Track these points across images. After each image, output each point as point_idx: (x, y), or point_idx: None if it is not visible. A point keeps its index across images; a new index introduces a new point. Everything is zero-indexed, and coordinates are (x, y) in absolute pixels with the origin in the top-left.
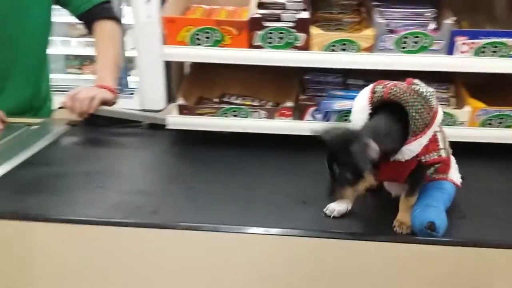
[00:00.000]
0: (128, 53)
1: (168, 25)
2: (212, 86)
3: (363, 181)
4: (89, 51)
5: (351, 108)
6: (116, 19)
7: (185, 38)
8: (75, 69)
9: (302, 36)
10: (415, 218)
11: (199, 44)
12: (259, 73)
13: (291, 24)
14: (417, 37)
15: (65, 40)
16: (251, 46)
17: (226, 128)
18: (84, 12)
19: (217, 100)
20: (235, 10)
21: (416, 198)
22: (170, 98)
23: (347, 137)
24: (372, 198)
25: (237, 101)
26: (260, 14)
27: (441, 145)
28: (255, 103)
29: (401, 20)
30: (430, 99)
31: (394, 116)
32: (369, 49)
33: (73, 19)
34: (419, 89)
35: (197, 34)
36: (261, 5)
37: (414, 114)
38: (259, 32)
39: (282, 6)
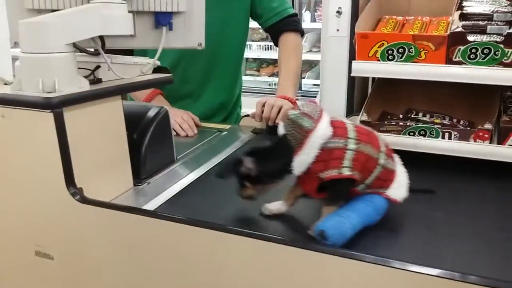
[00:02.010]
0: (305, 56)
1: (361, 41)
2: (397, 100)
3: (249, 189)
4: (267, 55)
5: None
6: (300, 31)
7: (377, 53)
8: (253, 71)
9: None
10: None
11: (390, 59)
12: (450, 87)
13: (498, 38)
14: None
15: (247, 44)
16: (450, 61)
17: (413, 148)
18: (272, 24)
19: (402, 116)
20: (430, 21)
21: (332, 209)
22: (351, 110)
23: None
24: None
25: (425, 118)
26: (463, 27)
27: (345, 163)
28: (446, 122)
29: None
30: (297, 121)
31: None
32: None
33: (256, 24)
34: (289, 113)
35: (390, 50)
36: (463, 16)
37: (287, 134)
38: (461, 47)
39: (488, 18)
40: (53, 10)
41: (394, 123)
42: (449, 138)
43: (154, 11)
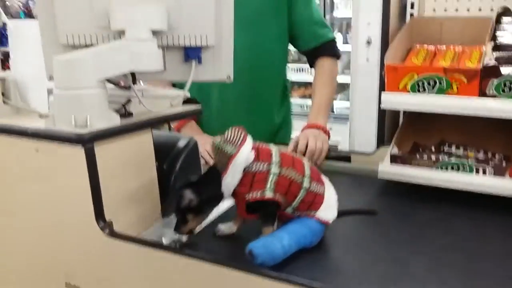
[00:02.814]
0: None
1: (390, 73)
2: (429, 131)
3: (190, 223)
4: (298, 77)
5: None
6: (337, 56)
7: (407, 86)
8: None
9: None
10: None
11: (421, 92)
12: (485, 119)
13: None
14: None
15: None
16: (483, 94)
17: (446, 183)
18: (310, 49)
19: (434, 148)
20: (463, 51)
21: (270, 229)
22: (382, 141)
23: (179, 186)
24: None
25: (459, 152)
26: (496, 59)
27: (268, 186)
28: (480, 156)
29: None
30: (221, 147)
31: None
32: None
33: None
34: (214, 141)
35: (421, 82)
36: (496, 47)
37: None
38: (495, 80)
39: None
40: (87, 45)
41: (426, 157)
42: (484, 173)
43: (184, 46)
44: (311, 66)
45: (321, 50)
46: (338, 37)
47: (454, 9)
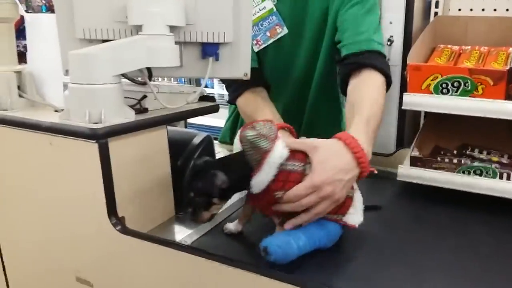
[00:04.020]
0: None
1: (413, 73)
2: (451, 134)
3: (215, 206)
4: None
5: None
6: (387, 76)
7: (430, 87)
8: None
9: None
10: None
11: (444, 93)
12: (509, 122)
13: None
14: None
15: None
16: (509, 97)
17: (468, 188)
18: (349, 54)
19: (456, 152)
20: (489, 52)
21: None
22: (401, 143)
23: (202, 167)
24: None
25: (481, 156)
26: None
27: None
28: (504, 160)
29: None
30: (255, 142)
31: None
32: None
33: None
34: (245, 133)
35: (445, 83)
36: None
37: (245, 154)
38: None
39: None
40: (104, 40)
41: (447, 160)
42: (508, 179)
43: (201, 41)
44: (343, 92)
45: (364, 58)
46: None
47: (480, 9)
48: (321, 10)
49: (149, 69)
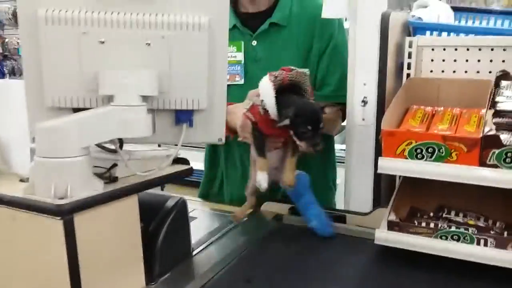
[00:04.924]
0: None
1: (387, 138)
2: (427, 196)
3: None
4: None
5: None
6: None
7: (405, 151)
8: None
9: None
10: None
11: (419, 158)
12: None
13: None
14: None
15: None
16: (483, 164)
17: (446, 253)
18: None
19: (433, 214)
20: (461, 113)
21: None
22: (378, 202)
23: (311, 107)
24: None
25: (458, 219)
26: (495, 124)
27: None
28: (481, 223)
29: None
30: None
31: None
32: None
33: None
34: (302, 70)
35: (419, 149)
36: (496, 113)
37: (304, 88)
38: (496, 151)
39: None
40: (74, 109)
41: (424, 224)
42: (485, 245)
43: (175, 109)
44: None
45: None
46: None
47: (452, 71)
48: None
49: (120, 138)
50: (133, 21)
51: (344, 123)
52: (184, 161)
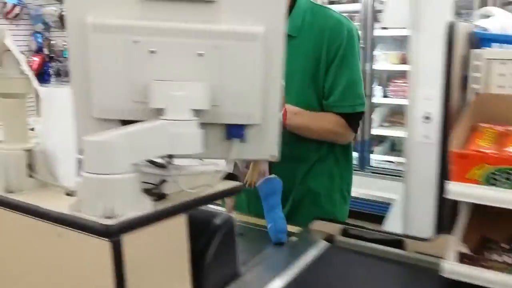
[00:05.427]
0: (375, 131)
1: (458, 161)
2: (499, 224)
3: None
4: None
5: None
6: (354, 129)
7: (477, 176)
8: None
9: None
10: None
11: (492, 184)
12: None
13: None
14: None
15: None
16: None
17: None
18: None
19: (506, 246)
20: None
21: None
22: (441, 227)
23: None
24: None
25: None
26: None
27: None
28: None
29: None
30: None
31: None
32: None
33: None
34: None
35: (494, 173)
36: None
37: None
38: None
39: None
40: (122, 121)
41: (496, 256)
42: None
43: (226, 123)
44: None
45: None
46: (377, 90)
47: None
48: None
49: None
50: (185, 29)
51: (403, 135)
52: (233, 177)
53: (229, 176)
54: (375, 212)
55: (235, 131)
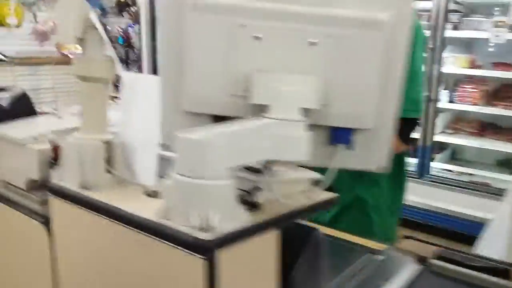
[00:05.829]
0: (437, 138)
1: None
2: None
3: None
4: None
5: None
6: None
7: None
8: None
9: None
10: None
11: None
12: None
13: None
14: None
15: None
16: None
17: None
18: None
19: None
20: None
21: None
22: None
23: None
24: None
25: None
26: None
27: None
28: None
29: None
30: None
31: None
32: None
33: None
34: None
35: None
36: None
37: None
38: None
39: None
40: (214, 116)
41: None
42: None
43: (333, 126)
44: None
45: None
46: (444, 94)
47: None
48: None
49: None
50: (296, 13)
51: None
52: (328, 188)
53: (317, 183)
54: (436, 223)
55: (341, 136)
